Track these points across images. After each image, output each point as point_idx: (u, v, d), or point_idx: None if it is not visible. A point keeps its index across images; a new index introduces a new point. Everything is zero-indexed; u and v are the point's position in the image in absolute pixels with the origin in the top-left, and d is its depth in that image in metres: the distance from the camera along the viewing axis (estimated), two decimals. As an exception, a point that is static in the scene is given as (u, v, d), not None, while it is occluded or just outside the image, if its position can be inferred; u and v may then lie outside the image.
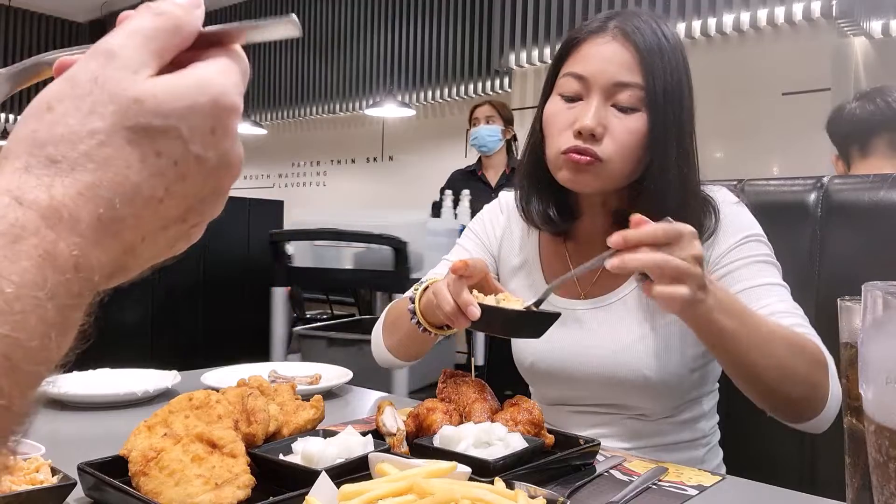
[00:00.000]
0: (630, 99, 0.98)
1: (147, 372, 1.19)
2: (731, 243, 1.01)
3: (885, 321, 0.41)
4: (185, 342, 2.96)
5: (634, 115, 0.98)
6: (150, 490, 0.61)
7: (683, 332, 1.01)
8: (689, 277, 0.77)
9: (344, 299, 5.75)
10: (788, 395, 0.88)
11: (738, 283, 0.98)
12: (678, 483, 0.73)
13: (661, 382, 1.01)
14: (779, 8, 4.40)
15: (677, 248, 0.78)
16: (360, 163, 7.48)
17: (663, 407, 1.04)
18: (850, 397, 0.53)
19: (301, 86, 7.65)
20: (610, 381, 1.03)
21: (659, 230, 0.78)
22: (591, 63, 1.00)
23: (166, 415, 0.72)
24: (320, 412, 0.81)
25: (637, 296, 1.05)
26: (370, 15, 6.97)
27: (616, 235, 0.78)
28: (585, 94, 1.00)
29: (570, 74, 1.02)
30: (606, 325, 1.06)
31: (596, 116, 0.97)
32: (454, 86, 6.30)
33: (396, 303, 1.17)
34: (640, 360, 1.01)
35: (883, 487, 0.43)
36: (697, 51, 4.82)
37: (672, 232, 0.78)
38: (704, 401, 1.09)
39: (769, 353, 0.85)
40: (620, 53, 0.99)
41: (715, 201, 1.04)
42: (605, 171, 0.99)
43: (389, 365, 1.18)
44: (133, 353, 2.79)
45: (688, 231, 0.79)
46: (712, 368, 1.09)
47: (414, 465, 0.61)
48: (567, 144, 0.98)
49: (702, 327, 0.84)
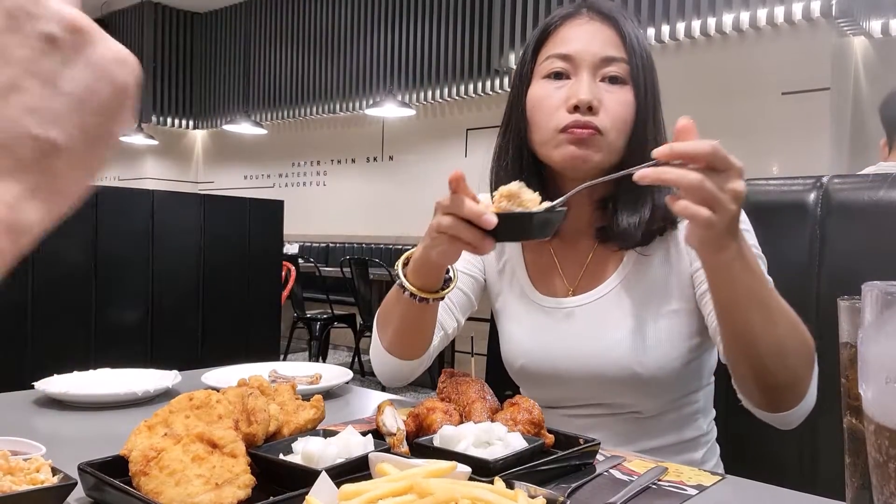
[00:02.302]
0: (618, 72, 1.00)
1: (147, 372, 1.19)
2: None
3: (885, 321, 0.42)
4: (185, 342, 2.96)
5: (624, 88, 1.00)
6: (151, 490, 0.61)
7: (675, 325, 1.01)
8: (721, 209, 0.73)
9: (344, 299, 5.76)
10: (776, 377, 0.87)
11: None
12: (678, 483, 0.73)
13: (653, 378, 1.00)
14: (778, 8, 4.40)
15: (719, 177, 0.73)
16: (360, 162, 7.48)
17: (657, 403, 1.03)
18: (850, 397, 0.53)
19: (301, 86, 7.65)
20: (600, 378, 1.02)
21: (707, 147, 0.72)
22: (575, 42, 1.02)
23: (167, 415, 0.72)
24: (320, 412, 0.82)
25: (625, 288, 1.04)
26: (370, 15, 6.97)
27: (662, 147, 0.74)
28: (573, 72, 1.01)
29: (554, 56, 1.02)
30: (594, 321, 1.04)
31: (590, 90, 0.98)
32: (454, 85, 6.30)
33: (384, 300, 1.11)
34: (630, 355, 1.00)
35: (883, 487, 0.43)
36: (697, 50, 4.82)
37: (721, 157, 0.72)
38: (700, 395, 1.08)
39: (773, 326, 0.83)
40: (602, 31, 1.02)
41: None
42: (606, 144, 0.99)
43: (392, 375, 1.09)
44: (133, 352, 2.80)
45: (737, 165, 0.74)
46: (706, 360, 1.07)
47: (414, 464, 0.61)
48: (565, 121, 0.98)
49: (719, 275, 0.82)
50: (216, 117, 8.59)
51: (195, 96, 8.80)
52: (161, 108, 8.63)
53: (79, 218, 2.58)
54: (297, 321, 5.57)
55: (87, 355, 2.61)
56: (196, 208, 2.96)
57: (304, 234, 7.64)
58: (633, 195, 1.01)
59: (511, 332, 1.12)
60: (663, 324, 1.01)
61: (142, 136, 7.85)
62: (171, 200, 2.96)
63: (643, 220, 1.01)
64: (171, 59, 8.62)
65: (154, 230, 2.81)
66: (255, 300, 3.16)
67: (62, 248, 2.56)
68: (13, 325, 2.46)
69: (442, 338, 1.10)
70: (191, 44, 8.69)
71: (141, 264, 2.78)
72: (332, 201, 7.69)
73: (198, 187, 8.99)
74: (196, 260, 2.95)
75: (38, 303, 2.50)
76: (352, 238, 7.36)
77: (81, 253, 2.61)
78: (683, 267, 1.03)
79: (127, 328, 2.77)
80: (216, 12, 8.51)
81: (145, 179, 8.67)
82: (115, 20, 8.82)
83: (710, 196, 0.72)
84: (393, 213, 6.90)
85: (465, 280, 1.14)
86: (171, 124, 8.76)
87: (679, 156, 0.73)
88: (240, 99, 8.20)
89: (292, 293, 5.24)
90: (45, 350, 2.51)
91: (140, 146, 8.55)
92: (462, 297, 1.14)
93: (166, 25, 8.53)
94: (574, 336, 1.05)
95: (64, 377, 1.12)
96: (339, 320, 5.48)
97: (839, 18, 4.26)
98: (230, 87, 8.40)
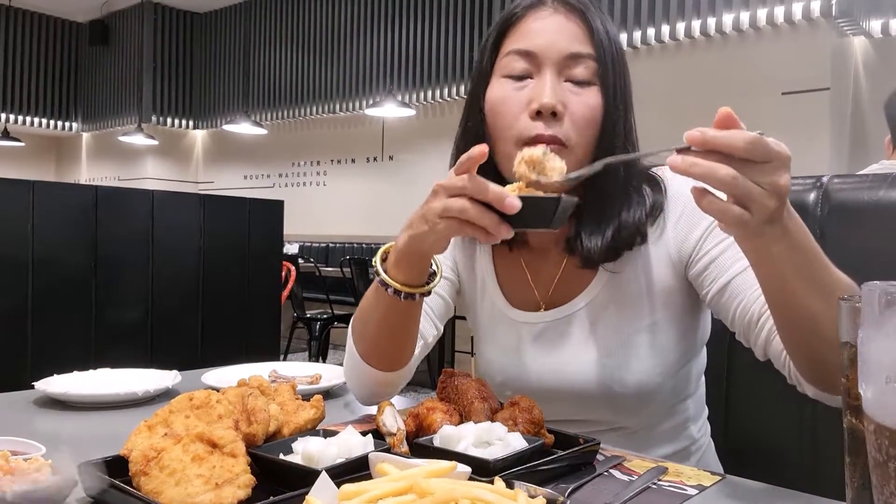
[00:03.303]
0: (584, 72, 0.90)
1: (147, 372, 1.19)
2: (704, 227, 0.93)
3: (885, 321, 0.41)
4: (185, 342, 2.96)
5: (591, 89, 0.91)
6: (151, 490, 0.61)
7: (655, 339, 0.96)
8: (757, 207, 0.64)
9: (344, 299, 5.76)
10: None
11: (727, 269, 0.89)
12: (678, 483, 0.73)
13: (635, 396, 0.95)
14: (778, 7, 4.40)
15: (756, 170, 0.64)
16: (360, 162, 7.48)
17: (641, 419, 0.98)
18: (850, 397, 0.53)
19: (301, 86, 7.65)
20: (579, 397, 0.96)
21: (740, 141, 0.63)
22: (538, 37, 0.91)
23: (167, 414, 0.72)
24: (320, 412, 0.81)
25: (601, 302, 0.97)
26: (370, 15, 6.97)
27: (695, 131, 0.64)
28: (535, 71, 0.91)
29: (515, 52, 0.92)
30: (569, 339, 0.98)
31: (554, 92, 0.89)
32: (454, 85, 6.30)
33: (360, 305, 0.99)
34: (608, 374, 0.94)
35: (883, 487, 0.43)
36: (697, 50, 4.82)
37: (758, 148, 0.63)
38: (689, 402, 1.03)
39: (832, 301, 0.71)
40: (567, 25, 0.92)
41: (663, 178, 0.97)
42: (572, 157, 0.88)
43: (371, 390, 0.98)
44: (133, 352, 2.80)
45: (777, 153, 0.64)
46: (693, 367, 1.03)
47: (414, 464, 0.61)
48: (528, 131, 0.88)
49: (759, 258, 0.73)
50: (216, 117, 8.59)
51: (195, 96, 8.80)
52: (161, 108, 8.63)
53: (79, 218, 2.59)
54: (297, 321, 5.57)
55: (87, 355, 2.61)
56: (196, 208, 2.96)
57: (304, 234, 7.64)
58: (597, 211, 0.93)
59: (484, 351, 1.07)
60: (642, 339, 0.95)
61: (141, 135, 7.85)
62: (171, 200, 2.96)
63: (606, 240, 0.93)
64: (171, 59, 8.63)
65: (154, 230, 2.81)
66: (254, 300, 3.16)
67: (62, 249, 2.56)
68: (13, 325, 2.46)
69: (422, 347, 1.01)
70: (191, 44, 8.69)
71: (141, 264, 2.78)
72: (331, 201, 7.69)
73: (198, 187, 8.99)
74: (196, 260, 2.95)
75: (38, 303, 2.50)
76: (352, 238, 7.36)
77: (81, 253, 2.61)
78: (658, 275, 0.97)
79: (127, 328, 2.77)
80: (216, 12, 8.50)
81: (145, 179, 8.68)
82: (115, 20, 8.82)
83: (743, 194, 0.64)
84: (393, 213, 6.90)
85: (442, 283, 1.06)
86: (171, 124, 8.77)
87: (711, 146, 0.64)
88: (240, 99, 8.20)
89: (292, 293, 5.24)
90: (45, 350, 2.51)
91: (140, 146, 8.55)
92: (440, 302, 1.06)
93: (166, 25, 8.54)
94: (548, 355, 0.99)
95: (64, 377, 1.12)
96: (339, 320, 5.48)
97: (839, 18, 4.26)
98: (230, 87, 8.40)
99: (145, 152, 8.81)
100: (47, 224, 2.51)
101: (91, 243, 2.62)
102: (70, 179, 9.90)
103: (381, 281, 0.86)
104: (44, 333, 2.52)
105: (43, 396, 1.05)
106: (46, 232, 2.50)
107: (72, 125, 9.53)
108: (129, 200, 2.80)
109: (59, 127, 9.43)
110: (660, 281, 0.97)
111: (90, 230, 2.62)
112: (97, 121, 9.27)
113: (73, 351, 2.60)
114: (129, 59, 8.69)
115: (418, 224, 0.80)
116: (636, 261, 0.97)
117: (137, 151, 8.82)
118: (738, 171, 0.63)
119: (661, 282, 0.97)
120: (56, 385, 1.07)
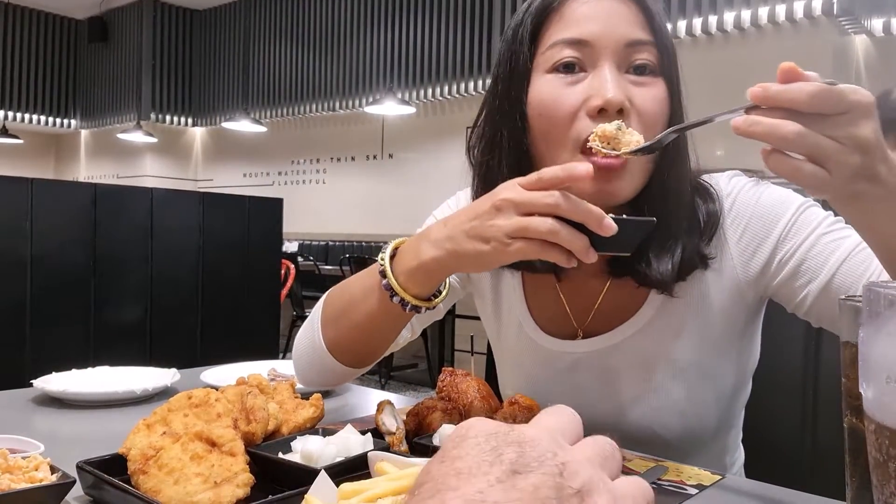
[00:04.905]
0: (647, 61, 0.79)
1: (146, 370, 1.19)
2: (779, 231, 0.83)
3: (885, 321, 0.41)
4: (184, 340, 2.96)
5: (656, 81, 0.79)
6: (150, 488, 0.60)
7: (707, 379, 0.86)
8: (836, 164, 0.56)
9: (343, 297, 5.76)
10: None
11: (821, 269, 0.79)
12: (678, 482, 0.73)
13: (678, 440, 0.86)
14: (780, 6, 4.40)
15: (828, 123, 0.56)
16: (359, 160, 7.47)
17: (677, 454, 0.87)
18: (851, 396, 0.53)
19: (301, 83, 7.64)
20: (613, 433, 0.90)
21: (802, 94, 0.55)
22: (590, 23, 0.78)
23: (165, 413, 0.71)
24: (320, 410, 0.81)
25: (647, 334, 0.86)
26: (370, 12, 6.96)
27: (757, 87, 0.57)
28: (589, 63, 0.79)
29: (563, 42, 0.79)
30: (608, 374, 0.88)
31: (618, 86, 0.76)
32: (454, 83, 6.30)
33: (342, 286, 0.88)
34: (651, 417, 0.85)
35: (883, 487, 0.43)
36: (699, 49, 4.82)
37: (827, 99, 0.56)
38: (730, 434, 0.94)
39: None
40: (621, 8, 0.79)
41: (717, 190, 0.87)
42: (639, 166, 0.77)
43: (321, 379, 0.91)
44: (132, 351, 2.80)
45: (853, 102, 0.56)
46: (741, 397, 0.92)
47: (413, 463, 0.61)
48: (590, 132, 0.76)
49: (868, 224, 0.64)
50: (215, 115, 8.58)
51: (194, 94, 8.79)
52: (160, 105, 8.62)
53: (78, 216, 2.59)
54: (297, 319, 5.57)
55: (86, 353, 2.61)
56: (195, 206, 2.96)
57: (304, 232, 7.64)
58: (662, 227, 0.76)
59: (509, 379, 0.99)
60: (692, 379, 0.85)
61: (141, 133, 7.85)
62: (171, 198, 2.96)
63: (676, 259, 0.81)
64: (171, 56, 8.62)
65: (153, 228, 2.81)
66: (254, 298, 3.16)
67: (61, 247, 2.56)
68: (12, 324, 2.46)
69: (392, 348, 0.93)
70: (190, 41, 8.68)
71: (140, 262, 2.78)
72: (331, 199, 7.68)
73: (197, 185, 8.99)
74: (195, 258, 2.95)
75: (36, 301, 2.50)
76: (351, 236, 7.36)
77: (80, 251, 2.61)
78: (717, 298, 0.87)
79: (126, 326, 2.77)
80: (215, 9, 8.49)
81: (144, 177, 8.67)
82: (114, 17, 8.81)
83: (814, 150, 0.56)
84: (392, 211, 6.90)
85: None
86: (170, 122, 8.76)
87: (773, 102, 0.56)
88: (239, 96, 8.19)
89: (291, 291, 5.24)
90: (44, 348, 2.51)
91: (139, 144, 8.55)
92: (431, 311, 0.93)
93: (165, 23, 8.53)
94: (583, 390, 0.89)
95: (63, 375, 1.12)
96: (339, 318, 5.48)
97: (840, 17, 4.26)
98: (229, 85, 8.40)
99: (144, 150, 8.80)
100: (46, 222, 2.51)
101: (90, 241, 2.62)
102: (69, 177, 9.90)
103: (388, 286, 0.77)
104: (42, 331, 2.52)
105: (41, 394, 1.05)
106: (45, 230, 2.50)
107: (70, 122, 9.53)
108: (128, 198, 2.80)
109: (58, 124, 9.43)
110: (718, 303, 0.87)
111: (89, 228, 2.62)
112: (96, 118, 9.27)
113: (71, 349, 2.60)
114: (128, 56, 8.68)
115: (469, 242, 0.70)
116: (692, 283, 0.86)
117: (136, 149, 8.82)
118: (807, 126, 0.56)
119: (720, 304, 0.87)
120: (54, 383, 1.07)
